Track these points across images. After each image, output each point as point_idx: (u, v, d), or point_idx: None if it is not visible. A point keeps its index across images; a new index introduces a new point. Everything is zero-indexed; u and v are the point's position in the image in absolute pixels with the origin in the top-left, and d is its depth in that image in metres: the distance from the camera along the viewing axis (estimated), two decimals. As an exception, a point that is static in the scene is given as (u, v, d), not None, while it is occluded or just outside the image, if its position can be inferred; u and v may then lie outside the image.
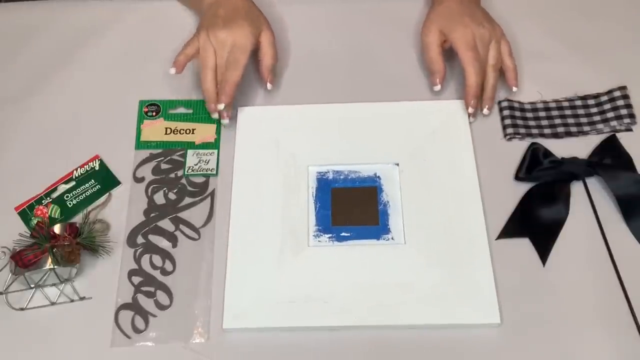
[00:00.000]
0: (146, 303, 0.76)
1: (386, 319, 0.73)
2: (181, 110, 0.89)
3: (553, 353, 0.71)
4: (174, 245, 0.79)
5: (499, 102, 0.87)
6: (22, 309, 0.75)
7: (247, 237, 0.78)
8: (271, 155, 0.84)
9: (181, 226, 0.80)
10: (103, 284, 0.77)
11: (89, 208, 0.82)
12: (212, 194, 0.82)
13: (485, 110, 0.85)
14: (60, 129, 0.89)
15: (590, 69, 0.89)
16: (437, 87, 0.86)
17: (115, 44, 0.96)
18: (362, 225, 0.79)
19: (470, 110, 0.84)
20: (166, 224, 0.81)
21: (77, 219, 0.81)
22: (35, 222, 0.80)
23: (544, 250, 0.76)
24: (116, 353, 0.73)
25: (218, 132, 0.87)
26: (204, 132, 0.87)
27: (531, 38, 0.93)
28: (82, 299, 0.76)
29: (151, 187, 0.83)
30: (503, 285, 0.74)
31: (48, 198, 0.82)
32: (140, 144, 0.87)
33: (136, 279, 0.77)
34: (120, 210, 0.82)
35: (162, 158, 0.85)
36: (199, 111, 0.89)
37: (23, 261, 0.74)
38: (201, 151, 0.85)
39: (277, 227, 0.79)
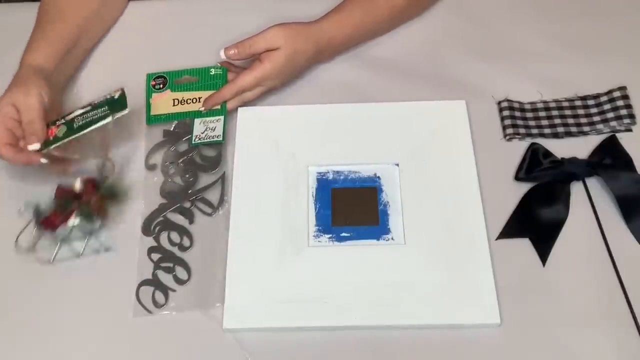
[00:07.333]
0: (165, 278, 0.77)
1: (386, 319, 0.73)
2: (186, 79, 0.89)
3: (553, 353, 0.71)
4: (191, 222, 0.81)
5: (499, 102, 0.87)
6: (50, 262, 0.76)
7: (247, 237, 0.78)
8: (271, 155, 0.84)
9: (197, 204, 0.82)
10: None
11: (93, 129, 0.80)
12: (223, 177, 0.83)
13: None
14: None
15: (590, 69, 0.89)
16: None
17: (115, 42, 0.97)
18: (362, 226, 0.79)
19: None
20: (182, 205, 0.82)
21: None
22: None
23: (544, 250, 0.76)
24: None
25: None
26: None
27: (531, 38, 0.93)
28: (107, 250, 0.78)
29: (166, 165, 0.84)
30: (503, 285, 0.74)
31: (62, 120, 0.81)
32: (150, 119, 0.87)
33: (155, 256, 0.79)
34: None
35: (170, 145, 0.86)
36: (204, 79, 0.89)
37: (52, 226, 0.75)
38: (207, 119, 0.86)
39: (277, 227, 0.79)
